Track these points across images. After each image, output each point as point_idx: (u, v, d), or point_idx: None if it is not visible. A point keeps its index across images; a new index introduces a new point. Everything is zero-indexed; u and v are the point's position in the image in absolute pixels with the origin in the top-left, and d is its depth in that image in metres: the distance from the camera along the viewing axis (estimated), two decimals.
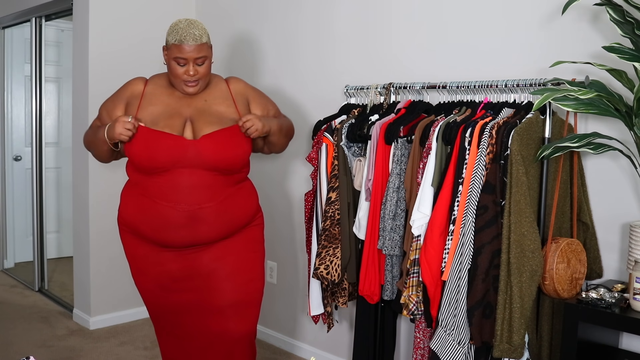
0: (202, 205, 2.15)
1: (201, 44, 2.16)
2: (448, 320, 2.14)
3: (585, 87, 1.91)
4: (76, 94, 3.73)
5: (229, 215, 2.22)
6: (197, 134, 2.17)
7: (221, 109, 2.26)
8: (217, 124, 2.19)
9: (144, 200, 2.18)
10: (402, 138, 2.38)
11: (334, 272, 2.52)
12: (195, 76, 2.18)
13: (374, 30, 2.90)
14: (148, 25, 3.75)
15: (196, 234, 2.17)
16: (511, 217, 1.99)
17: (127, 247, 2.31)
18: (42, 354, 3.24)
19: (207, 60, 2.21)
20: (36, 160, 4.35)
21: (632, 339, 2.13)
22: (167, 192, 2.14)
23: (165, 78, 2.32)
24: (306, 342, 3.34)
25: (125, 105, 2.25)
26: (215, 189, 2.17)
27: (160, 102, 2.22)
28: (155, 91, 2.26)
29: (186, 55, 2.14)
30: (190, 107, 2.23)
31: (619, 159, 2.12)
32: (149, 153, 2.11)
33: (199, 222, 2.16)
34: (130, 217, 2.23)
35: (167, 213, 2.13)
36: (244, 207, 2.28)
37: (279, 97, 3.37)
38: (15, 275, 4.76)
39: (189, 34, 2.14)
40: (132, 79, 2.33)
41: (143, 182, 2.19)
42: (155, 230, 2.17)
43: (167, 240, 2.17)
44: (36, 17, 4.24)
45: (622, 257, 2.15)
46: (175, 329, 2.35)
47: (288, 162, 3.37)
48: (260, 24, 3.49)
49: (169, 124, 2.16)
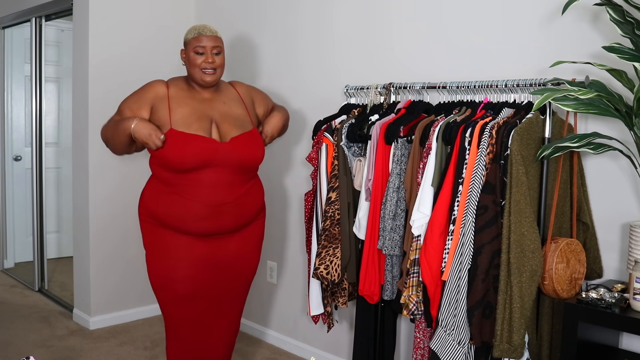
0: (225, 201, 2.37)
1: (217, 36, 2.43)
2: (448, 320, 2.14)
3: (585, 87, 1.91)
4: (76, 94, 3.73)
5: (245, 208, 2.46)
6: (224, 136, 2.37)
7: (238, 111, 2.48)
8: (240, 127, 2.42)
9: (171, 196, 2.35)
10: (402, 138, 2.38)
11: (334, 272, 2.53)
12: (213, 64, 2.39)
13: (374, 30, 2.90)
14: (148, 26, 3.75)
15: (221, 224, 2.39)
16: (511, 217, 1.99)
17: (150, 234, 2.44)
18: (42, 354, 3.24)
19: (222, 53, 2.44)
20: (36, 160, 4.35)
21: (632, 339, 2.13)
22: (195, 189, 2.32)
23: (183, 81, 2.47)
24: (306, 342, 3.34)
25: (151, 107, 2.36)
26: (233, 186, 2.39)
27: (187, 105, 2.38)
28: (178, 94, 2.41)
29: (205, 44, 2.38)
30: (214, 110, 2.41)
31: (619, 159, 2.12)
32: (182, 154, 2.27)
33: (223, 215, 2.38)
34: (158, 210, 2.38)
35: (195, 207, 2.33)
36: (255, 200, 2.52)
37: (279, 97, 3.37)
38: (15, 275, 4.76)
39: (206, 28, 2.41)
40: (153, 81, 2.45)
41: (169, 179, 2.35)
42: (185, 221, 2.35)
43: (196, 229, 2.37)
44: (36, 17, 4.24)
45: (622, 257, 2.15)
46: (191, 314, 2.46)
47: (288, 162, 3.37)
48: (260, 24, 3.49)
49: (201, 127, 2.33)
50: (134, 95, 2.41)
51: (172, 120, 2.31)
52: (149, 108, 2.36)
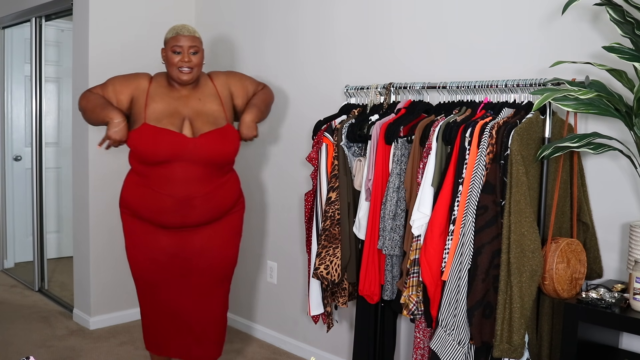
0: (195, 195, 2.46)
1: (194, 36, 2.52)
2: (448, 320, 2.14)
3: (585, 87, 1.91)
4: (76, 94, 3.72)
5: (216, 202, 2.54)
6: (196, 131, 2.46)
7: (213, 107, 2.56)
8: (212, 124, 2.50)
9: (145, 189, 2.47)
10: (402, 138, 2.38)
11: (334, 272, 2.53)
12: (190, 63, 2.48)
13: (374, 30, 2.90)
14: (148, 25, 3.75)
15: (189, 218, 2.49)
16: (511, 217, 1.99)
17: (126, 224, 2.59)
18: (42, 354, 3.24)
19: (200, 53, 2.54)
20: (36, 160, 4.35)
21: (632, 339, 2.13)
22: (165, 183, 2.43)
23: (164, 78, 2.59)
24: (306, 342, 3.34)
25: (131, 96, 2.51)
26: (206, 180, 2.48)
27: (162, 101, 2.49)
28: (157, 90, 2.53)
29: (182, 43, 2.47)
30: (187, 107, 2.51)
31: (619, 159, 2.12)
32: (153, 147, 2.39)
33: (192, 209, 2.47)
34: (131, 201, 2.52)
35: (165, 200, 2.44)
36: (227, 196, 2.60)
37: (279, 97, 3.37)
38: (15, 275, 4.76)
39: (184, 28, 2.51)
40: (141, 73, 2.61)
41: (144, 172, 2.48)
42: (154, 213, 2.47)
43: (163, 221, 2.48)
44: (36, 17, 4.24)
45: (622, 257, 2.15)
46: (159, 300, 2.62)
47: (288, 162, 3.37)
48: (261, 24, 3.49)
49: (171, 122, 2.44)
50: (122, 77, 2.56)
51: (146, 115, 2.44)
52: (130, 95, 2.50)
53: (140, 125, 2.43)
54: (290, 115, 3.34)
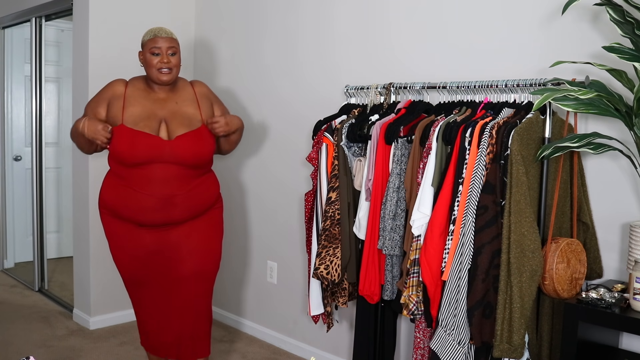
0: (174, 194, 2.52)
1: (172, 38, 2.57)
2: (448, 320, 2.14)
3: (585, 87, 1.91)
4: (76, 94, 3.73)
5: (195, 201, 2.59)
6: (171, 134, 2.52)
7: (190, 110, 2.61)
8: (187, 126, 2.56)
9: (125, 189, 2.52)
10: (402, 138, 2.38)
11: (334, 272, 2.53)
12: (169, 64, 2.53)
13: (374, 30, 2.90)
14: (148, 25, 3.72)
15: (168, 216, 2.54)
16: (511, 217, 1.99)
17: (107, 226, 2.63)
18: (42, 354, 3.24)
19: (178, 54, 2.59)
20: (36, 160, 4.35)
21: (632, 339, 2.13)
22: (145, 183, 2.48)
23: (142, 81, 2.64)
24: (306, 342, 3.34)
25: (108, 105, 2.55)
26: (184, 180, 2.54)
27: (139, 104, 2.54)
28: (134, 93, 2.57)
29: (160, 45, 2.52)
30: (164, 110, 2.56)
31: (619, 159, 2.12)
32: (130, 150, 2.44)
33: (172, 207, 2.53)
34: (111, 202, 2.57)
35: (145, 200, 2.49)
36: (207, 194, 2.66)
37: (279, 96, 3.37)
38: (15, 275, 4.76)
39: (162, 30, 2.56)
40: (114, 81, 2.63)
41: (123, 173, 2.52)
42: (136, 213, 2.51)
43: (145, 220, 2.53)
44: (36, 17, 4.24)
45: (622, 257, 2.15)
46: (146, 298, 2.67)
47: (288, 162, 3.37)
48: (261, 24, 3.49)
49: (148, 125, 2.50)
50: (95, 96, 2.61)
51: (124, 118, 2.49)
52: (106, 106, 2.55)
53: (117, 127, 2.47)
54: (290, 116, 3.34)
